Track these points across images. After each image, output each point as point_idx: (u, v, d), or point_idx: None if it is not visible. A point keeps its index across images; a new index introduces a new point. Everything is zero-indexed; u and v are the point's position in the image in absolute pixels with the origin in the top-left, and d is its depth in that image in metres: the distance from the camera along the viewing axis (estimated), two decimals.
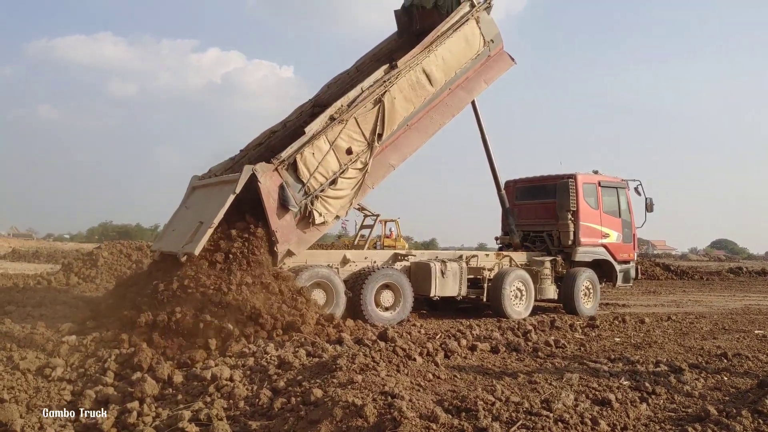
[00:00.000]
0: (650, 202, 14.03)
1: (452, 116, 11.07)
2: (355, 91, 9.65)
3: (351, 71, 11.85)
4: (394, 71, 9.87)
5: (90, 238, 75.76)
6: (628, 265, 13.97)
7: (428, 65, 10.31)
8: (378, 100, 9.75)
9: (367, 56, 12.08)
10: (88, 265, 16.97)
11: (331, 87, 11.67)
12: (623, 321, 10.84)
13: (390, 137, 10.09)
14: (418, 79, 10.23)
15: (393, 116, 9.94)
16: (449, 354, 7.06)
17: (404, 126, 10.30)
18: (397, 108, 9.99)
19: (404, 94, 10.07)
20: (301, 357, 6.06)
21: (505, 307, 11.57)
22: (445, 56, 10.53)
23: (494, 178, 13.54)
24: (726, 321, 11.57)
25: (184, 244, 8.30)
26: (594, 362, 6.91)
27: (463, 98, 11.27)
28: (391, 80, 9.85)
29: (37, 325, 7.64)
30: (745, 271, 31.03)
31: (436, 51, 10.35)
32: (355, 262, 10.65)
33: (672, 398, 5.43)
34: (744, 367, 6.99)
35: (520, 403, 4.65)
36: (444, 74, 10.62)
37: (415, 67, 10.14)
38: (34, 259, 30.12)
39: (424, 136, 10.68)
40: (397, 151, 10.36)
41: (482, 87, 11.49)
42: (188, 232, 8.54)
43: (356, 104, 9.51)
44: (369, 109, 9.68)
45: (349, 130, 9.50)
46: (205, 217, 8.51)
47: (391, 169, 10.33)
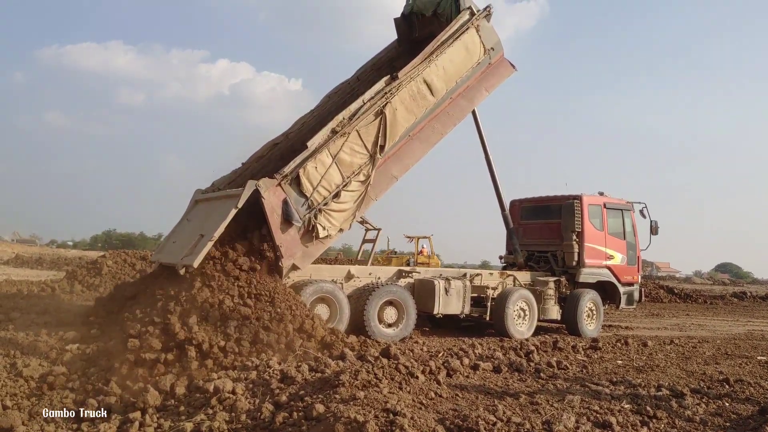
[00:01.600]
0: (655, 224, 14.03)
1: (454, 125, 11.04)
2: (357, 103, 9.62)
3: (352, 81, 11.81)
4: (395, 82, 9.85)
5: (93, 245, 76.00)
6: (632, 288, 13.94)
7: (429, 75, 10.27)
8: (380, 112, 9.73)
9: (368, 65, 12.05)
10: (92, 274, 17.04)
11: (332, 97, 11.65)
12: (626, 344, 10.80)
13: (392, 148, 10.06)
14: (419, 89, 10.20)
15: (395, 127, 9.93)
16: (451, 372, 7.06)
17: (406, 137, 10.28)
18: (399, 119, 9.98)
19: (405, 105, 10.05)
20: (304, 372, 6.07)
21: (508, 326, 11.55)
22: (446, 66, 10.49)
23: (498, 198, 13.54)
24: (729, 346, 11.52)
25: (183, 256, 8.29)
26: (596, 384, 6.89)
27: (465, 107, 11.24)
28: (392, 91, 9.81)
29: (41, 333, 7.69)
30: (749, 296, 30.80)
31: (436, 61, 10.31)
32: (360, 277, 10.67)
33: (673, 423, 5.42)
34: (746, 393, 6.96)
35: (522, 424, 4.65)
36: (445, 84, 10.58)
37: (416, 78, 10.10)
38: (37, 266, 30.24)
39: (426, 146, 10.66)
40: (399, 162, 10.33)
41: (483, 95, 11.45)
42: (188, 245, 8.53)
43: (358, 117, 9.49)
44: (371, 121, 9.66)
45: (351, 142, 9.48)
46: (205, 230, 8.50)
47: (394, 180, 10.31)
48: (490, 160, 13.30)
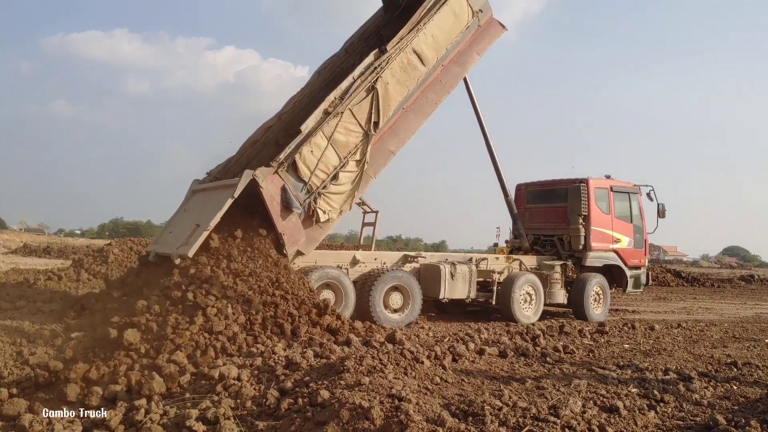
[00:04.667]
0: (662, 207, 13.92)
1: (448, 93, 10.86)
2: (347, 81, 9.42)
3: (340, 54, 11.49)
4: (384, 56, 9.62)
5: (101, 234, 76.37)
6: (639, 271, 13.87)
7: (418, 45, 10.02)
8: (371, 88, 9.53)
9: (355, 36, 11.70)
10: (98, 262, 17.07)
11: (322, 73, 11.36)
12: (633, 327, 10.76)
13: (387, 123, 9.89)
14: (410, 60, 9.97)
15: (388, 102, 9.76)
16: (457, 358, 7.04)
17: (400, 110, 10.09)
18: (391, 93, 9.78)
19: (397, 78, 9.83)
20: (309, 358, 6.05)
21: (514, 311, 11.53)
22: (435, 33, 10.23)
23: (500, 183, 13.34)
24: (737, 329, 11.47)
25: (179, 246, 8.25)
26: (602, 369, 6.87)
27: (458, 73, 11.02)
28: (382, 65, 9.59)
29: (47, 321, 7.71)
30: (757, 279, 30.68)
31: (424, 29, 10.05)
32: (365, 263, 10.65)
33: (680, 406, 5.39)
34: (754, 376, 6.93)
35: (528, 409, 4.63)
36: (435, 52, 10.33)
37: (405, 49, 9.85)
38: (45, 254, 30.36)
39: (421, 117, 10.48)
40: (395, 137, 10.18)
41: (475, 59, 11.17)
42: (184, 235, 8.48)
43: (349, 95, 9.31)
44: (363, 98, 9.47)
45: (345, 122, 9.32)
46: (202, 219, 8.42)
47: (392, 156, 10.17)
48: (488, 136, 13.01)
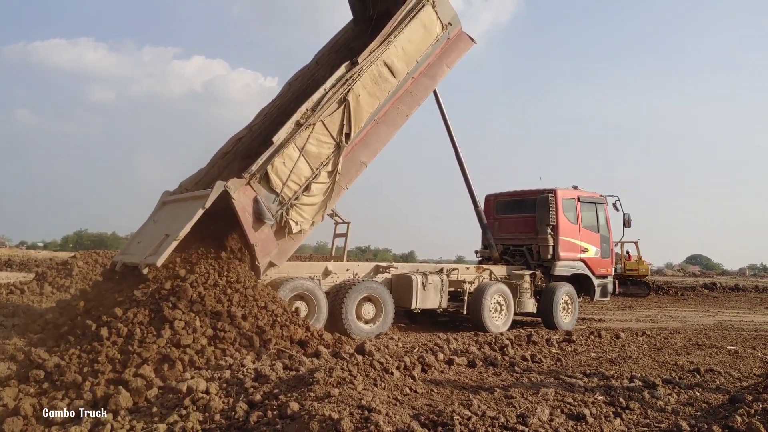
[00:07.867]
0: (628, 217, 14.29)
1: (418, 105, 10.99)
2: (318, 93, 9.50)
3: (311, 65, 11.57)
4: (356, 68, 9.73)
5: (64, 246, 74.50)
6: (606, 280, 14.15)
7: (389, 57, 10.16)
8: (342, 100, 9.61)
9: (326, 48, 11.79)
10: (62, 275, 16.66)
11: (293, 85, 11.43)
12: (599, 336, 10.94)
13: (358, 135, 9.96)
14: (381, 72, 10.10)
15: (359, 114, 9.84)
16: (426, 368, 7.06)
17: (372, 121, 10.19)
18: (363, 105, 9.88)
19: (368, 90, 9.95)
20: (278, 370, 6.02)
21: (484, 320, 11.63)
22: (405, 46, 10.38)
23: (470, 194, 13.57)
24: (699, 336, 11.74)
25: (147, 256, 8.15)
26: (569, 377, 6.96)
27: (428, 85, 11.16)
28: (353, 78, 9.70)
29: (10, 336, 7.51)
30: (719, 287, 31.49)
31: (395, 42, 10.19)
32: (337, 273, 10.64)
33: (645, 413, 5.49)
34: (716, 382, 7.10)
35: (496, 418, 4.67)
36: (406, 64, 10.47)
37: (375, 61, 9.98)
38: (6, 267, 29.56)
39: (392, 128, 10.59)
40: (367, 148, 10.24)
41: (445, 71, 11.35)
42: (153, 245, 8.38)
43: (321, 107, 9.38)
44: (334, 109, 9.55)
45: (317, 133, 9.38)
46: (171, 230, 8.33)
47: (363, 167, 10.23)
48: (458, 147, 13.27)
